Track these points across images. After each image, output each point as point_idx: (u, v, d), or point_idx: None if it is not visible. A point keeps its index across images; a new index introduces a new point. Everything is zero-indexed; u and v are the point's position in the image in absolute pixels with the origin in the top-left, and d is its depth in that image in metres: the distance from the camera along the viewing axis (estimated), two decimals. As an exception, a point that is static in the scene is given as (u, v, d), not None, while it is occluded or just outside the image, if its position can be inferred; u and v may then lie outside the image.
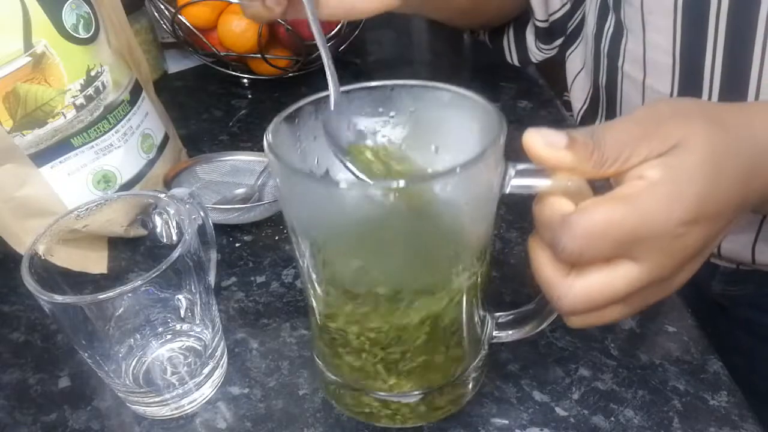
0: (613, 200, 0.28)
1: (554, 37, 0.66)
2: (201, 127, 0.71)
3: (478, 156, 0.28)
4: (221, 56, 0.76)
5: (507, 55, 0.71)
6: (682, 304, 0.46)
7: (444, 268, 0.33)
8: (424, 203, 0.29)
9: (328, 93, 0.35)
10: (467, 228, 0.32)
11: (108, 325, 0.38)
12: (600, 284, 0.29)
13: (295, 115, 0.34)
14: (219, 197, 0.57)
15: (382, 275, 0.33)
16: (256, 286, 0.50)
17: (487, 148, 0.29)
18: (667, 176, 0.28)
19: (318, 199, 0.31)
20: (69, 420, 0.42)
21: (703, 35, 0.46)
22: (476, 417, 0.40)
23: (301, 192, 0.31)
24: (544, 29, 0.65)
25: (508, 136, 0.30)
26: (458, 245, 0.33)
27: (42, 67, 0.45)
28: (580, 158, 0.28)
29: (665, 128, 0.29)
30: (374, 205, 0.29)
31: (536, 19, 0.64)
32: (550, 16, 0.64)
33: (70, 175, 0.49)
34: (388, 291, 0.33)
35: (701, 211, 0.28)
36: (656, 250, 0.28)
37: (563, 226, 0.28)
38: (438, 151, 0.36)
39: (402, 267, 0.33)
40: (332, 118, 0.35)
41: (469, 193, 0.30)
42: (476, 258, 0.34)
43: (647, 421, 0.39)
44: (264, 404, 0.42)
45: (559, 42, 0.67)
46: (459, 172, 0.28)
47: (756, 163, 0.30)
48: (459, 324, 0.35)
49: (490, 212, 0.32)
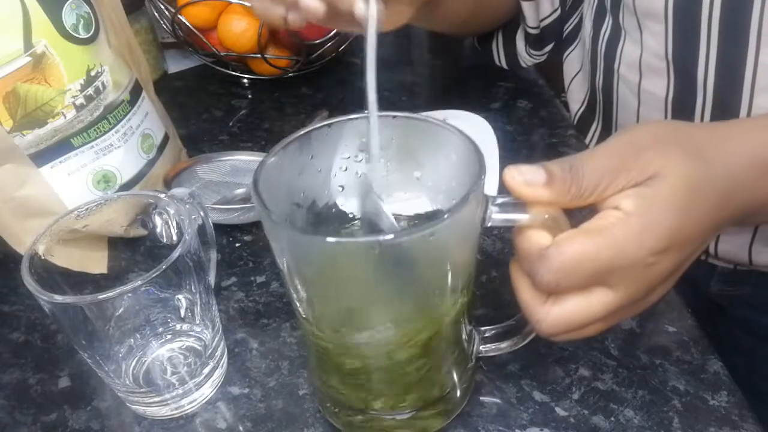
0: (588, 233, 0.29)
1: (545, 43, 0.66)
2: (201, 127, 0.71)
3: (460, 202, 0.29)
4: (221, 56, 0.76)
5: (496, 58, 0.71)
6: (682, 304, 0.46)
7: (432, 303, 0.34)
8: (408, 253, 0.30)
9: (311, 128, 0.35)
10: (452, 264, 0.33)
11: (108, 325, 0.38)
12: (576, 310, 0.30)
13: (281, 153, 0.34)
14: (219, 197, 0.57)
15: (369, 316, 0.33)
16: (256, 286, 0.50)
17: (470, 192, 0.30)
18: (641, 207, 0.29)
19: (306, 250, 0.31)
20: (69, 420, 0.42)
21: (696, 40, 0.46)
22: (476, 417, 0.40)
23: (289, 245, 0.32)
24: (535, 35, 0.65)
25: (508, 136, 0.30)
26: (444, 281, 0.33)
27: (42, 67, 0.45)
28: (558, 193, 0.30)
29: (643, 159, 0.30)
30: (360, 258, 0.30)
31: (527, 25, 0.64)
32: (541, 22, 0.63)
33: (70, 175, 0.49)
34: (376, 329, 0.33)
35: (673, 241, 0.29)
36: (629, 278, 0.29)
37: (540, 259, 0.29)
38: (420, 179, 0.37)
39: (389, 308, 0.33)
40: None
41: (452, 237, 0.31)
42: (462, 286, 0.34)
43: (647, 421, 0.39)
44: (264, 404, 0.42)
45: (549, 48, 0.67)
46: (443, 221, 0.29)
47: (730, 188, 0.31)
48: (448, 345, 0.36)
49: (473, 245, 0.33)
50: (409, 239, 0.29)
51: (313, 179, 0.36)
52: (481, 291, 0.48)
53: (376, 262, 0.30)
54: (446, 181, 0.36)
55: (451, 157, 0.34)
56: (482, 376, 0.42)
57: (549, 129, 0.64)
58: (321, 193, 0.37)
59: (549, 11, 0.63)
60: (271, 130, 0.68)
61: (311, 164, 0.36)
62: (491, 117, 0.61)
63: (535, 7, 0.62)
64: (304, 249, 0.31)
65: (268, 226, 0.31)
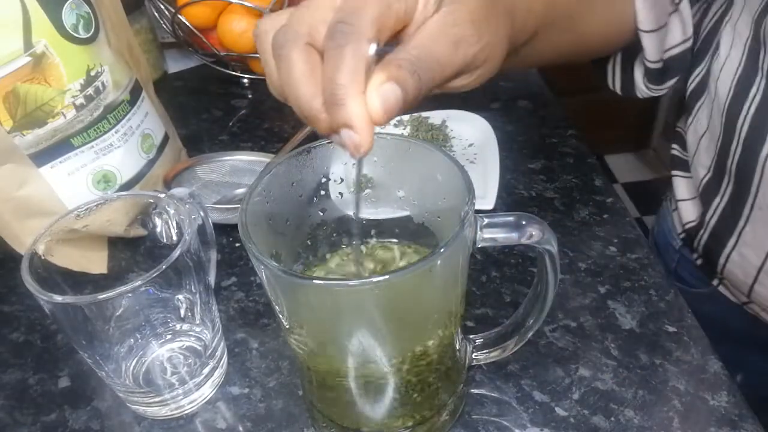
0: None
1: (667, 76, 0.54)
2: (201, 127, 0.71)
3: (452, 238, 0.29)
4: (221, 56, 0.76)
5: (609, 81, 0.59)
6: (682, 304, 0.46)
7: (427, 329, 0.34)
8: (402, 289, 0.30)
9: (291, 155, 0.35)
10: (445, 291, 0.33)
11: (108, 325, 0.38)
12: None
13: (264, 190, 0.34)
14: (219, 197, 0.57)
15: (363, 349, 0.33)
16: (256, 286, 0.50)
17: (464, 220, 0.30)
18: None
19: (300, 293, 0.32)
20: (69, 420, 0.42)
21: None
22: (476, 417, 0.40)
23: (282, 288, 0.32)
24: (656, 70, 0.53)
25: (508, 136, 0.30)
26: (438, 307, 0.33)
27: (42, 67, 0.45)
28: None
29: None
30: (353, 299, 0.30)
31: (647, 59, 0.52)
32: (665, 53, 0.52)
33: (70, 175, 0.49)
34: (371, 359, 0.33)
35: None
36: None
37: None
38: (404, 198, 0.38)
39: (385, 340, 0.33)
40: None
41: (444, 268, 0.31)
42: (455, 308, 0.34)
43: (647, 421, 0.39)
44: (264, 404, 0.42)
45: (672, 82, 0.55)
46: (440, 254, 0.29)
47: None
48: (441, 363, 0.36)
49: (465, 267, 0.33)
50: (402, 278, 0.29)
51: (295, 205, 0.36)
52: (481, 291, 0.48)
53: (369, 301, 0.31)
54: (432, 200, 0.36)
55: (435, 177, 0.34)
56: (482, 376, 0.42)
57: (549, 129, 0.64)
58: (304, 218, 0.37)
59: (679, 40, 0.51)
60: (271, 130, 0.68)
61: (292, 191, 0.36)
62: (491, 117, 0.61)
63: (659, 37, 0.51)
64: (293, 290, 0.31)
65: (256, 264, 0.31)
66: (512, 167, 0.59)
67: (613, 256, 0.50)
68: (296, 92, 0.29)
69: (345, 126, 0.28)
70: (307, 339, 0.34)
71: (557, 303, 0.46)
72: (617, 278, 0.48)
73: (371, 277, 0.28)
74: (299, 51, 0.29)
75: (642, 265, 0.49)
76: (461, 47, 0.32)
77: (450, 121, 0.63)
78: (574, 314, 0.46)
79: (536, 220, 0.32)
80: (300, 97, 0.29)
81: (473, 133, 0.61)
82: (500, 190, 0.55)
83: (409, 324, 0.33)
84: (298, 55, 0.29)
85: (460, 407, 0.40)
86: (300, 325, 0.33)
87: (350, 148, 0.28)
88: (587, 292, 0.47)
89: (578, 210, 0.54)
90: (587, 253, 0.50)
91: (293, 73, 0.29)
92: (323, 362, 0.34)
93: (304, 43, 0.29)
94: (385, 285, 0.28)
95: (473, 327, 0.45)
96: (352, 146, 0.28)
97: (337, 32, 0.28)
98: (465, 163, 0.58)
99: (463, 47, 0.32)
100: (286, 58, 0.29)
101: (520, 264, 0.50)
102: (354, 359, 0.33)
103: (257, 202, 0.33)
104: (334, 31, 0.28)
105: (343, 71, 0.27)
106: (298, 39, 0.29)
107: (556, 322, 0.45)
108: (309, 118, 0.30)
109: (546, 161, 0.59)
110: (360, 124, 0.28)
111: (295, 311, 0.33)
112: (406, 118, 0.64)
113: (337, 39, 0.28)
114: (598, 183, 0.57)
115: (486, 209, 0.53)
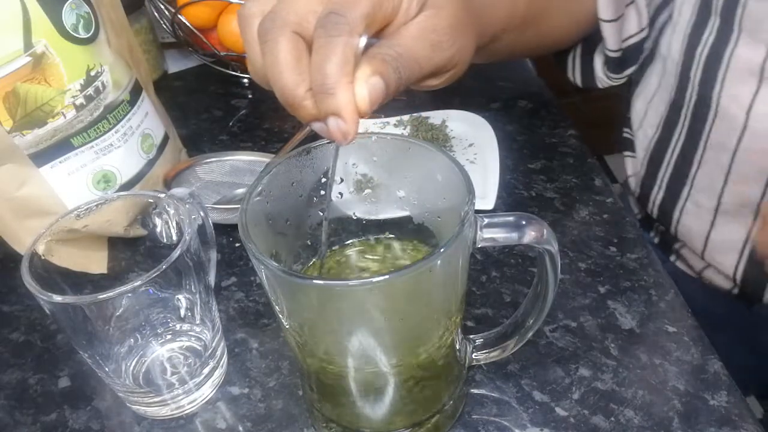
0: None
1: (626, 65, 0.59)
2: (201, 127, 0.71)
3: (452, 238, 0.29)
4: (221, 56, 0.76)
5: (569, 73, 0.64)
6: (682, 304, 0.46)
7: (427, 329, 0.34)
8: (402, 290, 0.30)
9: (290, 155, 0.35)
10: (445, 291, 0.33)
11: (108, 325, 0.38)
12: None
13: (264, 190, 0.34)
14: (219, 197, 0.57)
15: (363, 349, 0.33)
16: (256, 286, 0.50)
17: (464, 220, 0.30)
18: None
19: (302, 294, 0.32)
20: (69, 420, 0.42)
21: None
22: (476, 417, 0.40)
23: (282, 288, 0.32)
24: (615, 58, 0.58)
25: (508, 136, 0.31)
26: (438, 307, 0.33)
27: (42, 67, 0.45)
28: None
29: None
30: (353, 299, 0.30)
31: (608, 48, 0.57)
32: (624, 43, 0.57)
33: (70, 175, 0.49)
34: (371, 359, 0.33)
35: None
36: None
37: None
38: (404, 198, 0.38)
39: (385, 340, 0.33)
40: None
41: (444, 268, 0.31)
42: (455, 308, 0.34)
43: (647, 421, 0.39)
44: (264, 404, 0.42)
45: (631, 71, 0.60)
46: (439, 254, 0.29)
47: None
48: (441, 364, 0.36)
49: (465, 267, 0.33)
50: (402, 278, 0.29)
51: (295, 205, 0.36)
52: (481, 291, 0.48)
53: (370, 302, 0.30)
54: (432, 200, 0.36)
55: (435, 177, 0.34)
56: (482, 376, 0.42)
57: (549, 129, 0.64)
58: (304, 218, 0.37)
59: (635, 30, 0.56)
60: (271, 130, 0.68)
61: (292, 191, 0.36)
62: (491, 117, 0.61)
63: (617, 27, 0.55)
64: (293, 290, 0.31)
65: (256, 264, 0.31)
66: (512, 167, 0.59)
67: (613, 256, 0.50)
68: (281, 79, 0.30)
69: (333, 114, 0.29)
70: (307, 339, 0.34)
71: (557, 303, 0.46)
72: (617, 278, 0.48)
73: (371, 277, 0.28)
74: (286, 39, 0.30)
75: (642, 265, 0.49)
76: (437, 51, 0.34)
77: (450, 121, 0.63)
78: (574, 314, 0.46)
79: (536, 220, 0.32)
80: (285, 85, 0.30)
81: (473, 133, 0.61)
82: (500, 190, 0.55)
83: (409, 324, 0.33)
84: (286, 42, 0.30)
85: (460, 407, 0.40)
86: (300, 325, 0.33)
87: (337, 135, 0.29)
88: (587, 292, 0.47)
89: (578, 210, 0.54)
90: (587, 253, 0.50)
91: (279, 60, 0.30)
92: (323, 362, 0.34)
93: (291, 31, 0.30)
94: (385, 285, 0.28)
95: (473, 327, 0.45)
96: (340, 134, 0.29)
97: (329, 23, 0.29)
98: (465, 163, 0.58)
99: (439, 51, 0.34)
100: (273, 45, 0.30)
101: (520, 264, 0.50)
102: (354, 359, 0.33)
103: (257, 202, 0.33)
104: (326, 21, 0.29)
105: (333, 62, 0.28)
106: (286, 27, 0.30)
107: (556, 322, 0.45)
108: (291, 106, 0.30)
109: (546, 161, 0.59)
110: (348, 114, 0.29)
111: (295, 311, 0.33)
112: (406, 118, 0.64)
113: (329, 30, 0.29)
114: (598, 183, 0.57)
115: (486, 209, 0.53)
